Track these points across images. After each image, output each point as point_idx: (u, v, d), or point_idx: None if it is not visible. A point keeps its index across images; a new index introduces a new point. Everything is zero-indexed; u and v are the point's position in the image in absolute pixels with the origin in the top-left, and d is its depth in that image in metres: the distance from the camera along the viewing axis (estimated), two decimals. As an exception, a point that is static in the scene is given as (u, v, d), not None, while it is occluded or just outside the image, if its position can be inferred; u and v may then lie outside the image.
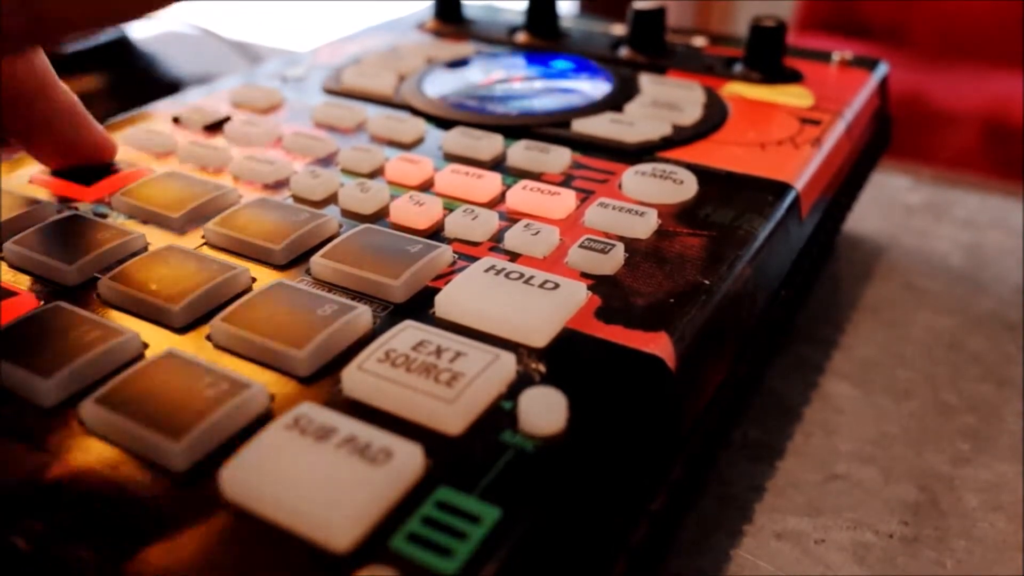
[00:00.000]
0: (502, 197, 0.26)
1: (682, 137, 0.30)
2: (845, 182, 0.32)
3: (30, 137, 0.27)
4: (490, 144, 0.29)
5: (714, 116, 0.31)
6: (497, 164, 0.28)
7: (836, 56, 0.37)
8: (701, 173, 0.27)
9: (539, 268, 0.22)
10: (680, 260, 0.23)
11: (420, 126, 0.31)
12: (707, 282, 0.22)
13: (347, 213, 0.25)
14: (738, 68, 0.36)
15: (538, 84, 0.35)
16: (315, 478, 0.16)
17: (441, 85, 0.34)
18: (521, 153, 0.28)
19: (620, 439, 0.18)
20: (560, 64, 0.37)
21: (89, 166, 0.28)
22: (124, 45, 0.57)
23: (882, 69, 0.37)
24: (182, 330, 0.20)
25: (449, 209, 0.25)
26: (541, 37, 0.40)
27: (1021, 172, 1.03)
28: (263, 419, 0.18)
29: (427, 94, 0.33)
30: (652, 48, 0.38)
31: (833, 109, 0.32)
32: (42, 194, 0.27)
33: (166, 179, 0.27)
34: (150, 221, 0.25)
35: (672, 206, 0.25)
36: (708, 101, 0.32)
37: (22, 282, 0.22)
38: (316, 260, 0.22)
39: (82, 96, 0.27)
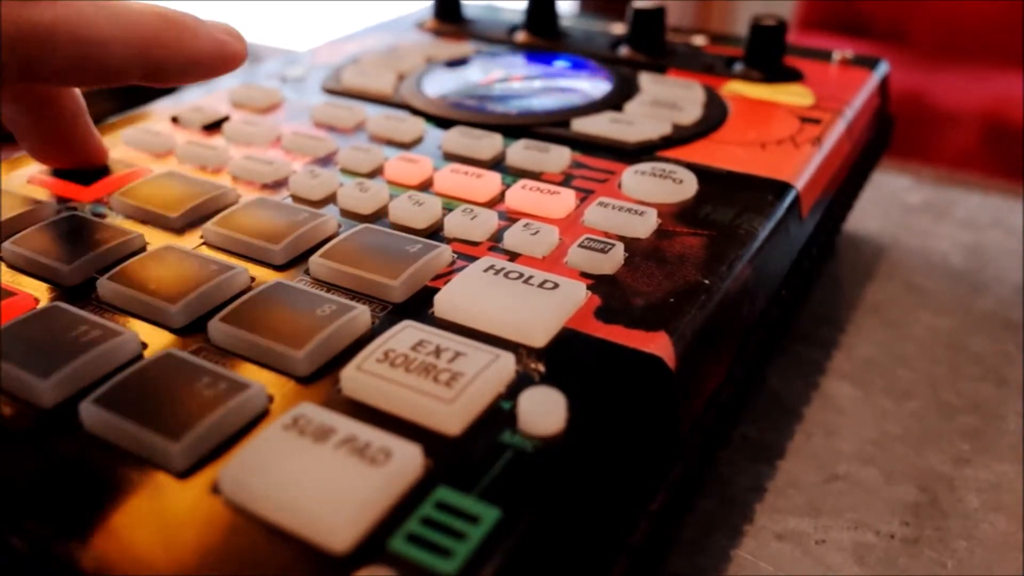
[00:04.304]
0: (501, 197, 0.26)
1: (682, 136, 0.30)
2: (845, 181, 0.32)
3: (29, 135, 0.27)
4: (489, 143, 0.29)
5: (714, 115, 0.31)
6: (496, 163, 0.28)
7: (837, 55, 0.37)
8: (701, 172, 0.27)
9: (539, 268, 0.22)
10: (680, 260, 0.23)
11: (419, 126, 0.31)
12: (707, 282, 0.22)
13: (346, 213, 0.25)
14: (738, 67, 0.36)
15: (538, 83, 0.35)
16: (314, 478, 0.16)
17: (440, 85, 0.34)
18: (520, 152, 0.28)
19: (620, 439, 0.18)
20: (560, 63, 0.37)
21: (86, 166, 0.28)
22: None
23: (883, 68, 0.37)
24: (181, 330, 0.20)
25: (448, 209, 0.25)
26: (541, 36, 0.40)
27: (1021, 172, 1.03)
28: (262, 419, 0.18)
29: (426, 94, 0.33)
30: (652, 47, 0.37)
31: (834, 108, 0.32)
32: (41, 194, 0.27)
33: (165, 179, 0.27)
34: (149, 221, 0.25)
35: (672, 205, 0.25)
36: (708, 100, 0.32)
37: (20, 282, 0.22)
38: (315, 260, 0.22)
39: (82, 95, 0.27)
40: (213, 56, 0.23)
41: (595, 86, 0.34)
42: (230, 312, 0.20)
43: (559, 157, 0.28)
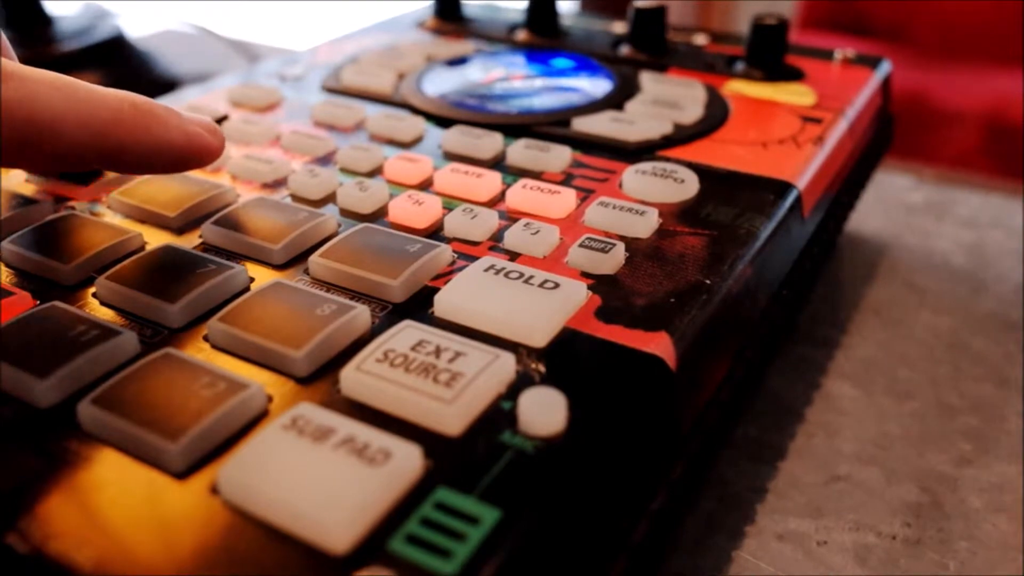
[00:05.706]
0: (502, 196, 0.26)
1: (683, 136, 0.29)
2: (847, 181, 0.31)
3: (17, 166, 0.26)
4: (490, 143, 0.29)
5: (715, 114, 0.31)
6: (497, 163, 0.28)
7: (838, 54, 0.37)
8: (702, 172, 0.27)
9: (539, 267, 0.22)
10: (681, 259, 0.23)
11: (419, 125, 0.31)
12: (708, 282, 0.22)
13: (346, 212, 0.25)
14: (739, 66, 0.36)
15: (538, 82, 0.35)
16: (313, 479, 0.15)
17: (441, 84, 0.34)
18: (521, 152, 0.28)
19: (620, 439, 0.18)
20: (560, 62, 0.37)
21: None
22: (122, 44, 0.57)
23: (884, 67, 0.37)
24: (179, 330, 0.20)
25: (448, 208, 0.25)
26: (541, 35, 0.40)
27: (1023, 172, 1.03)
28: (261, 420, 0.18)
29: (426, 93, 0.33)
30: (653, 46, 0.37)
31: (835, 107, 0.32)
32: (39, 193, 0.27)
33: (163, 178, 0.27)
34: (147, 220, 0.25)
35: (673, 205, 0.25)
36: (709, 99, 0.32)
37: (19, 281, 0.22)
38: (314, 260, 0.22)
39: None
40: (182, 148, 0.22)
41: (596, 85, 0.34)
42: (229, 312, 0.20)
43: (560, 156, 0.28)
